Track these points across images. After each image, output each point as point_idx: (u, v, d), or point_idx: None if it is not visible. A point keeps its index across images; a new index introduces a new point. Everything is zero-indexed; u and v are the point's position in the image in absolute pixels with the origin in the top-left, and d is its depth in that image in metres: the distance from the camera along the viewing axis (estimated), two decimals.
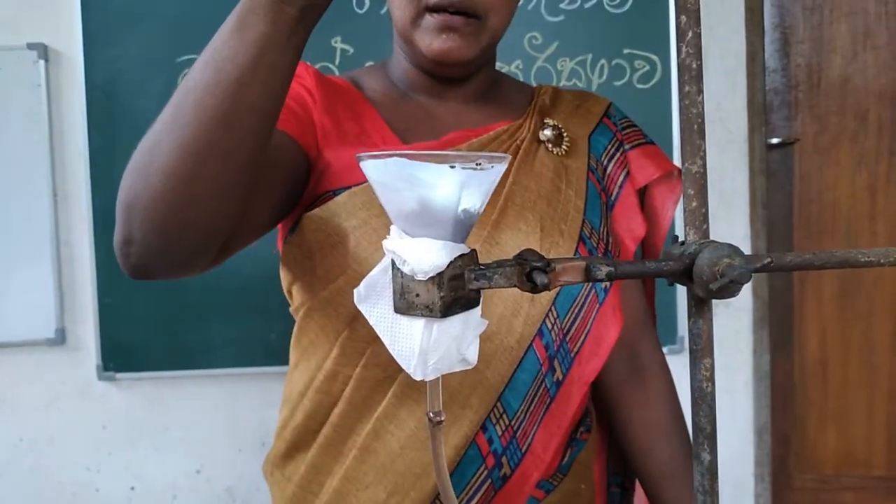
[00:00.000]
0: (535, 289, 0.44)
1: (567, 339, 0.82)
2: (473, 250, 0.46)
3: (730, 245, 0.42)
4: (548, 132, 0.85)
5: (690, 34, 0.43)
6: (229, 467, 2.05)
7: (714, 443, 0.45)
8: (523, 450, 0.81)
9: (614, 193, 0.90)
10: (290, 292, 0.86)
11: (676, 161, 1.88)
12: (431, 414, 0.48)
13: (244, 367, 1.96)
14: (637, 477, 0.95)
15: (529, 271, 0.44)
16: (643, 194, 0.94)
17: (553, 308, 0.80)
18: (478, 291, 0.47)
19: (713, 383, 0.45)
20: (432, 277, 0.44)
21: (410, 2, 0.77)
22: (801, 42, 2.19)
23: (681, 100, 0.44)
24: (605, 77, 1.95)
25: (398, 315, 0.46)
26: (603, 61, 1.95)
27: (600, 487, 0.99)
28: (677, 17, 0.43)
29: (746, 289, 2.13)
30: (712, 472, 0.45)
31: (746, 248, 2.13)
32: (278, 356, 1.93)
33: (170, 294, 1.88)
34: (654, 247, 0.95)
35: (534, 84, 1.89)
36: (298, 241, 0.79)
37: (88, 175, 1.91)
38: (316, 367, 0.82)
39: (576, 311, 0.82)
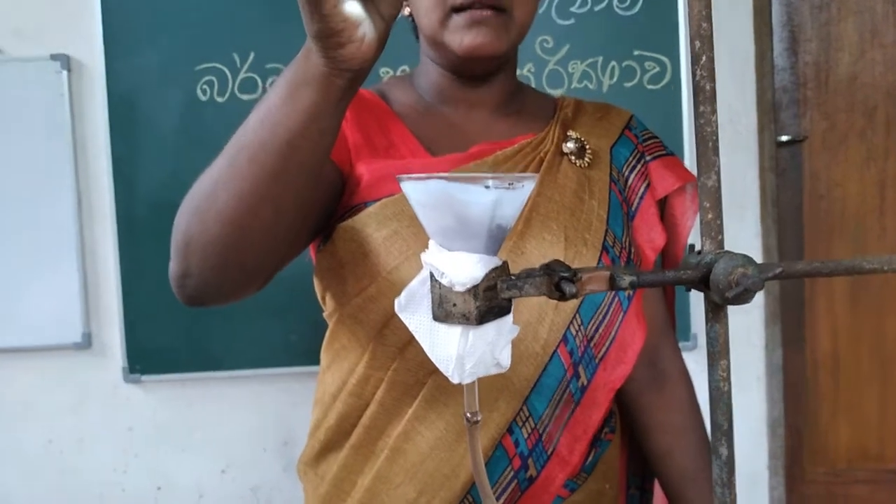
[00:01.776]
0: (563, 297, 0.47)
1: (591, 345, 0.85)
2: (505, 262, 0.50)
3: (744, 255, 0.45)
4: (571, 145, 0.87)
5: (704, 58, 0.46)
6: (254, 466, 2.10)
7: (731, 438, 0.49)
8: (549, 452, 0.84)
9: (635, 204, 0.92)
10: (323, 299, 0.90)
11: (688, 162, 1.90)
12: (469, 414, 0.51)
13: (267, 367, 2.01)
14: (658, 479, 0.98)
15: (558, 281, 0.47)
16: (663, 204, 0.96)
17: (577, 315, 0.83)
18: (509, 300, 0.51)
19: (730, 383, 0.48)
20: (469, 288, 0.48)
21: (437, 5, 0.80)
22: (810, 40, 2.21)
23: (696, 119, 0.47)
24: (615, 79, 1.98)
25: (436, 323, 0.50)
26: (613, 63, 1.98)
27: (621, 489, 1.02)
28: (691, 42, 0.47)
29: None
30: (730, 465, 0.48)
31: (758, 245, 2.15)
32: (300, 357, 1.97)
33: None
34: (673, 256, 0.98)
35: (547, 88, 1.93)
36: (331, 251, 0.83)
37: (111, 182, 1.96)
38: (348, 371, 0.85)
39: (599, 318, 0.85)
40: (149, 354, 2.00)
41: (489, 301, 0.49)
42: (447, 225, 0.48)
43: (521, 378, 0.81)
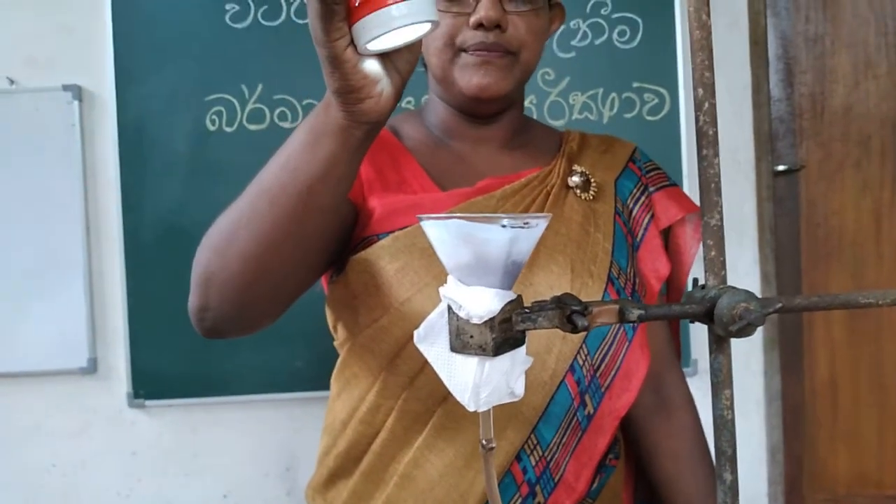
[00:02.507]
0: (575, 330, 0.50)
1: (597, 374, 0.87)
2: (520, 296, 0.52)
3: (746, 291, 0.48)
4: (576, 178, 0.90)
5: (707, 105, 0.49)
6: (256, 492, 2.10)
7: (735, 464, 0.51)
8: (556, 479, 0.85)
9: (639, 235, 0.95)
10: (335, 328, 0.92)
11: (687, 191, 1.93)
12: (484, 441, 0.54)
13: (271, 393, 2.02)
14: None
15: (570, 314, 0.50)
16: (667, 233, 0.99)
17: (584, 346, 0.85)
18: (523, 332, 0.53)
19: (733, 411, 0.51)
20: (485, 321, 0.50)
21: (447, 46, 0.83)
22: (805, 72, 2.26)
23: (699, 161, 0.50)
24: (615, 110, 2.02)
25: (454, 353, 0.52)
26: (613, 95, 2.02)
27: None
28: (695, 90, 0.50)
29: None
30: (734, 490, 0.51)
31: (756, 272, 2.18)
32: (304, 383, 1.99)
33: None
34: (677, 284, 1.00)
35: (548, 119, 1.97)
36: (344, 283, 0.85)
37: (120, 210, 1.99)
38: (359, 399, 0.87)
39: (605, 348, 0.87)
40: (154, 379, 2.02)
41: (504, 333, 0.51)
42: (465, 261, 0.51)
43: (530, 407, 0.83)
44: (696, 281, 0.53)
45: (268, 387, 2.02)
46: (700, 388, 1.00)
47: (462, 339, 0.52)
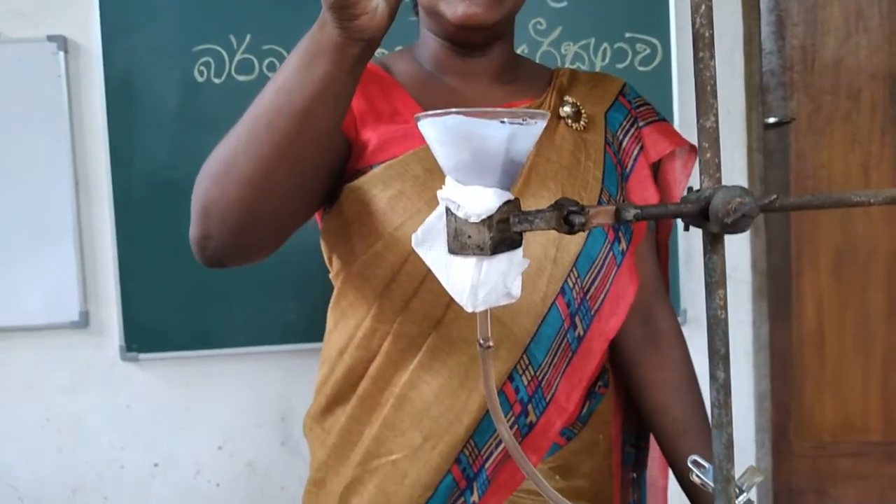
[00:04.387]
0: (571, 230, 0.50)
1: (587, 297, 0.89)
2: (517, 198, 0.53)
3: (740, 187, 0.48)
4: (567, 109, 0.91)
5: (703, 7, 0.50)
6: (250, 443, 2.12)
7: (727, 363, 0.52)
8: (547, 399, 0.88)
9: (629, 166, 0.96)
10: (330, 260, 0.93)
11: None
12: (481, 340, 0.55)
13: (264, 345, 2.03)
14: (653, 434, 1.02)
15: (567, 214, 0.51)
16: (656, 169, 1.01)
17: (574, 269, 0.87)
18: (520, 234, 0.54)
19: (726, 311, 0.52)
20: (483, 220, 0.51)
21: None
22: (796, 24, 2.25)
23: (695, 64, 0.50)
24: (607, 60, 2.01)
25: (451, 255, 0.53)
26: (605, 45, 2.01)
27: (616, 446, 1.06)
28: None
29: (746, 261, 2.19)
30: (726, 388, 0.52)
31: None
32: (297, 335, 2.00)
33: (191, 276, 1.93)
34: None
35: None
36: (338, 212, 0.86)
37: (108, 162, 1.97)
38: (355, 326, 0.88)
39: (595, 272, 0.89)
40: (146, 333, 2.02)
41: (502, 233, 0.52)
42: (463, 160, 0.51)
43: (522, 328, 0.85)
44: (690, 189, 0.54)
45: (261, 339, 2.02)
46: (689, 338, 1.02)
47: (460, 240, 0.52)
